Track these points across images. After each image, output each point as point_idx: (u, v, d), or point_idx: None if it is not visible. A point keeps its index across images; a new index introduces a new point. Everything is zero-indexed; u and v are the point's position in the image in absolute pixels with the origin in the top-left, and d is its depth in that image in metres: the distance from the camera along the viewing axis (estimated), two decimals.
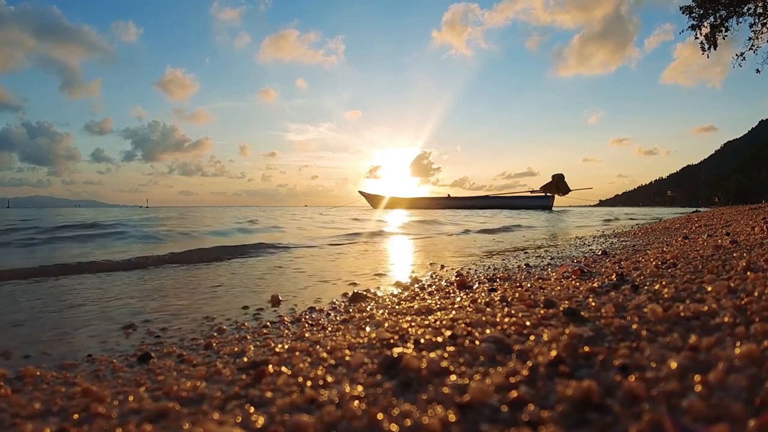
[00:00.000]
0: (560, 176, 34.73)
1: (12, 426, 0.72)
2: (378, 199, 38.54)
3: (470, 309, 1.26)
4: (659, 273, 1.57)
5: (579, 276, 1.82)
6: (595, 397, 0.61)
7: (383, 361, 0.82)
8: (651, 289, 1.26)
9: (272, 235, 6.45)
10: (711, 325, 0.87)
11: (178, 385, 0.84)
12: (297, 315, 1.63)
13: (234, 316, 1.68)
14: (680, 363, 0.68)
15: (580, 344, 0.81)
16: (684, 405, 0.57)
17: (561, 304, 1.16)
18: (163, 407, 0.73)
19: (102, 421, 0.71)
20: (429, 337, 0.95)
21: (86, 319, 1.69)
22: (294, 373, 0.84)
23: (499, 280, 2.13)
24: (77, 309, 1.88)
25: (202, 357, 1.12)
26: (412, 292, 1.92)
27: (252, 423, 0.65)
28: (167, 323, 1.58)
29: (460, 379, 0.72)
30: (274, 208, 37.20)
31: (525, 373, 0.72)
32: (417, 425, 0.59)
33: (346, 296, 1.97)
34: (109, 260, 3.33)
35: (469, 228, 8.23)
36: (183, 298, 2.09)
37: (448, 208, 30.58)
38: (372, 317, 1.38)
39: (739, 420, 0.52)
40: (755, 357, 0.67)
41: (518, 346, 0.85)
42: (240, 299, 2.01)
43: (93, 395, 0.84)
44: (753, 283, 1.14)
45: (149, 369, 1.05)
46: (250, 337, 1.31)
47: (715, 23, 10.94)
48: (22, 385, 0.95)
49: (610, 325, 0.93)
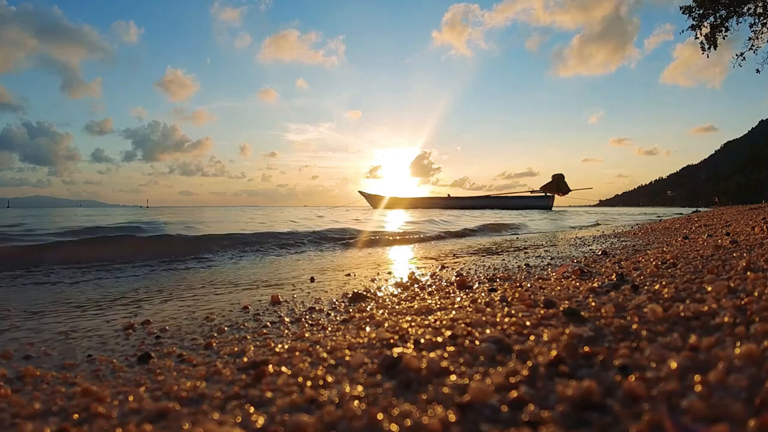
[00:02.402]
0: (560, 176, 34.73)
1: (12, 426, 0.72)
2: (378, 199, 38.54)
3: (470, 309, 1.26)
4: (659, 273, 1.57)
5: (579, 276, 1.82)
6: (595, 397, 0.61)
7: (383, 361, 0.81)
8: (651, 289, 1.26)
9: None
10: (711, 325, 0.87)
11: (178, 385, 0.84)
12: (297, 315, 1.63)
13: (243, 312, 1.68)
14: (680, 363, 0.68)
15: (580, 344, 0.81)
16: (684, 405, 0.57)
17: (561, 304, 1.16)
18: (163, 407, 0.73)
19: (102, 421, 0.71)
20: (429, 337, 0.95)
21: (86, 319, 1.69)
22: (294, 373, 0.84)
23: (499, 280, 2.13)
24: (77, 309, 1.89)
25: (202, 357, 1.12)
26: (412, 292, 1.92)
27: (252, 423, 0.65)
28: (167, 323, 1.58)
29: (460, 379, 0.72)
30: (275, 209, 36.99)
31: (525, 373, 0.72)
32: (417, 425, 0.59)
33: (346, 296, 1.97)
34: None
35: (468, 228, 8.23)
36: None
37: (448, 208, 30.58)
38: (372, 317, 1.38)
39: (739, 420, 0.52)
40: (755, 357, 0.67)
41: (518, 346, 0.85)
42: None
43: (93, 395, 0.84)
44: (753, 283, 1.14)
45: (149, 369, 1.05)
46: (250, 337, 1.32)
47: (715, 23, 10.95)
48: (22, 385, 0.95)
49: (610, 325, 0.93)
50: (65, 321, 1.66)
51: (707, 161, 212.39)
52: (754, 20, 10.75)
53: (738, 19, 10.82)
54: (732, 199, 61.64)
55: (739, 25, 10.89)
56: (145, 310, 1.85)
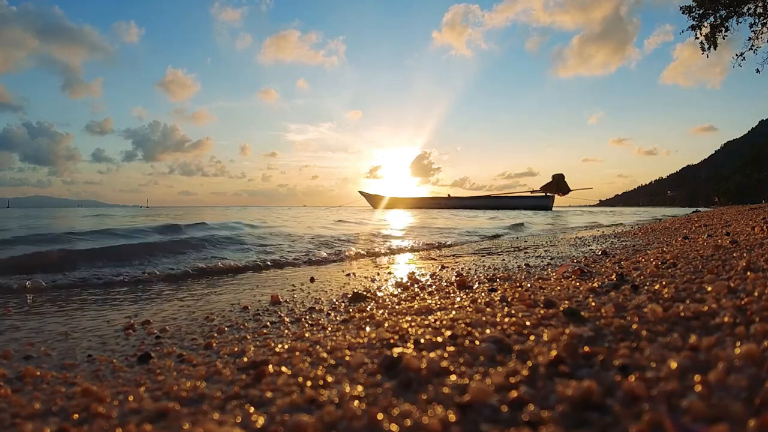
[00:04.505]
0: (560, 176, 34.71)
1: (12, 426, 0.72)
2: (378, 199, 38.54)
3: (470, 309, 1.26)
4: (659, 273, 1.57)
5: (579, 276, 1.82)
6: (595, 397, 0.61)
7: (383, 361, 0.81)
8: (651, 289, 1.26)
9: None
10: (711, 325, 0.87)
11: (178, 385, 0.84)
12: (297, 315, 1.63)
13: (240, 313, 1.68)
14: (680, 363, 0.68)
15: (580, 344, 0.81)
16: (684, 405, 0.57)
17: (561, 304, 1.16)
18: (163, 407, 0.73)
19: (102, 421, 0.71)
20: (429, 337, 0.95)
21: (87, 320, 1.69)
22: (294, 373, 0.84)
23: (499, 280, 2.13)
24: (79, 309, 1.89)
25: (202, 357, 1.12)
26: (412, 292, 1.92)
27: (252, 423, 0.65)
28: (167, 323, 1.58)
29: (460, 379, 0.72)
30: (280, 209, 36.76)
31: (525, 373, 0.72)
32: (417, 425, 0.59)
33: (346, 296, 1.97)
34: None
35: (468, 227, 8.23)
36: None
37: (448, 208, 30.57)
38: (372, 317, 1.37)
39: (739, 420, 0.52)
40: (755, 357, 0.67)
41: (518, 346, 0.85)
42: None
43: (93, 395, 0.84)
44: (753, 283, 1.14)
45: (149, 369, 1.05)
46: (250, 337, 1.31)
47: (715, 23, 10.94)
48: (22, 385, 0.95)
49: (610, 325, 0.93)
50: (66, 321, 1.66)
51: (707, 161, 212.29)
52: (754, 20, 10.75)
53: (738, 19, 10.81)
54: (732, 199, 61.61)
55: (739, 25, 10.89)
56: (146, 309, 1.85)
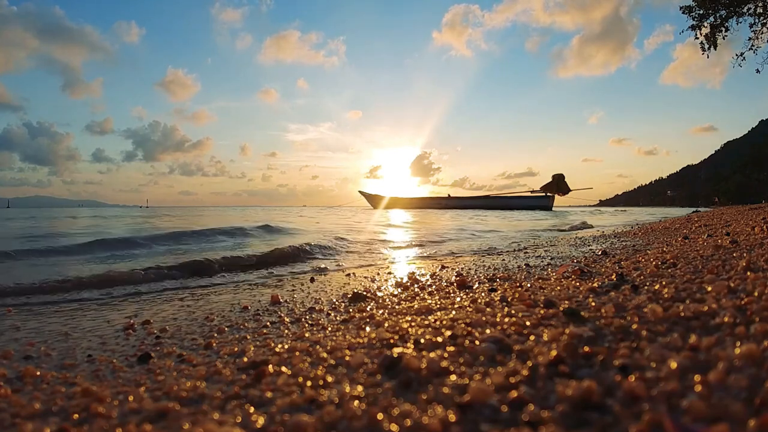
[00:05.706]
0: (560, 176, 34.68)
1: (12, 426, 0.72)
2: (378, 199, 38.53)
3: (470, 309, 1.26)
4: (659, 273, 1.57)
5: (579, 276, 1.82)
6: (595, 397, 0.61)
7: (383, 361, 0.81)
8: (651, 289, 1.26)
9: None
10: (711, 325, 0.87)
11: (178, 385, 0.84)
12: (297, 315, 1.63)
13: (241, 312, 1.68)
14: (680, 363, 0.68)
15: (580, 344, 0.81)
16: (684, 405, 0.57)
17: (561, 304, 1.16)
18: (163, 407, 0.73)
19: (102, 421, 0.71)
20: (429, 337, 0.95)
21: (87, 320, 1.69)
22: (294, 373, 0.84)
23: (499, 280, 2.13)
24: (79, 309, 1.89)
25: (202, 357, 1.12)
26: (412, 292, 1.92)
27: (252, 423, 0.65)
28: (167, 323, 1.58)
29: (460, 379, 0.72)
30: (280, 208, 36.72)
31: (525, 373, 0.72)
32: (417, 425, 0.59)
33: (346, 296, 1.97)
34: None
35: (467, 227, 8.23)
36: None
37: (448, 208, 30.56)
38: (372, 317, 1.38)
39: (739, 420, 0.52)
40: (755, 357, 0.67)
41: (518, 346, 0.85)
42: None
43: (93, 395, 0.84)
44: (753, 283, 1.14)
45: (149, 369, 1.05)
46: (250, 337, 1.31)
47: (715, 23, 10.93)
48: (23, 385, 0.95)
49: (610, 325, 0.93)
50: (66, 321, 1.66)
51: (707, 161, 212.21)
52: (754, 20, 10.74)
53: (738, 19, 10.80)
54: (732, 199, 61.59)
55: (739, 25, 10.88)
56: (146, 309, 1.85)
